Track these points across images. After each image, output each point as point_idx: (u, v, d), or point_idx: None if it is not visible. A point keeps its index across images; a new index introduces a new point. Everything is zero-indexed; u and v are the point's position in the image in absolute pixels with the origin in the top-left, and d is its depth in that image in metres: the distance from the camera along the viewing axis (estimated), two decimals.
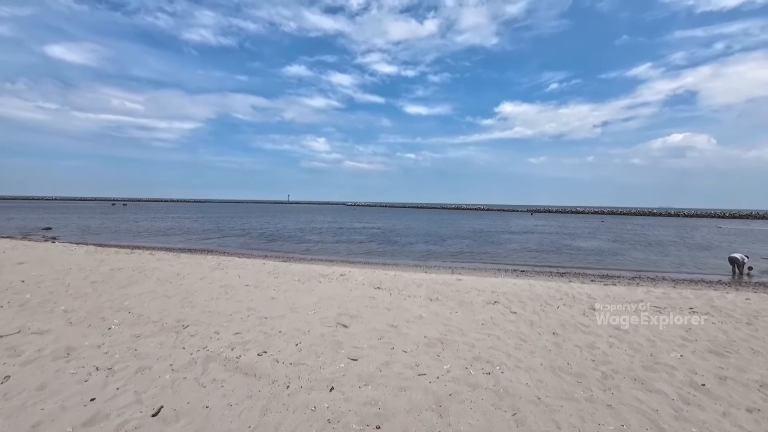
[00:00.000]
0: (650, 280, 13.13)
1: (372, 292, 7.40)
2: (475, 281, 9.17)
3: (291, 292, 7.17)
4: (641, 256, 20.77)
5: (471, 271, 14.77)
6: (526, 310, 6.39)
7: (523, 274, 14.49)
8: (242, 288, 7.32)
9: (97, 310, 5.69)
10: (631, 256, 20.35)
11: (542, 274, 14.59)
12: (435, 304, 6.68)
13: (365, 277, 9.06)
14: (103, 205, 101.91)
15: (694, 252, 22.53)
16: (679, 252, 22.52)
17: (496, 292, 7.72)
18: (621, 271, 15.68)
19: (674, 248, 24.71)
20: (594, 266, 17.80)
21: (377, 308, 6.27)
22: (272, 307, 6.14)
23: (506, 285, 8.64)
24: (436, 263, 17.41)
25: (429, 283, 8.54)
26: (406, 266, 15.86)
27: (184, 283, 7.56)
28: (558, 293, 7.85)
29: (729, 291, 9.05)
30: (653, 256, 20.84)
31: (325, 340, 4.75)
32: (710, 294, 8.33)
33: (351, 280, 8.53)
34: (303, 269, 9.93)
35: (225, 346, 4.49)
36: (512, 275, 13.78)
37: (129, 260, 10.14)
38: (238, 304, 6.22)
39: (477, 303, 6.80)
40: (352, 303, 6.51)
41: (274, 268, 10.06)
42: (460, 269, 15.26)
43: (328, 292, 7.28)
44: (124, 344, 4.45)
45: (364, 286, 7.93)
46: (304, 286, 7.70)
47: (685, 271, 16.15)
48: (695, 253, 21.94)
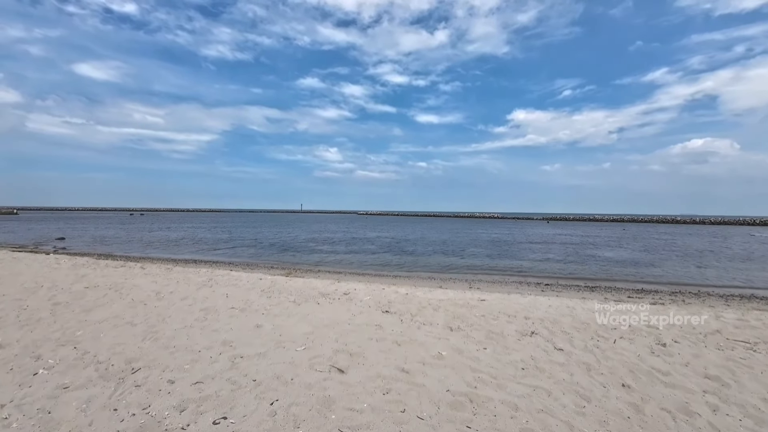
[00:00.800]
0: (709, 296, 11.31)
1: (379, 317, 6.04)
2: (501, 301, 7.70)
3: (282, 317, 5.88)
4: (680, 267, 18.75)
5: (491, 285, 13.26)
6: (574, 346, 4.92)
7: (549, 288, 12.94)
8: (225, 312, 6.08)
9: (37, 344, 4.54)
10: (668, 268, 18.38)
11: (570, 288, 13.01)
12: (457, 335, 5.27)
13: (373, 296, 7.71)
14: (122, 215, 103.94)
15: (737, 263, 20.30)
16: (720, 263, 20.31)
17: (530, 317, 6.26)
18: (660, 285, 13.89)
19: (713, 259, 22.44)
20: (629, 278, 16.02)
21: (384, 341, 4.91)
22: (254, 339, 4.85)
23: (540, 307, 7.15)
24: (453, 276, 15.94)
25: (447, 304, 7.12)
26: (420, 279, 14.47)
27: (160, 305, 6.38)
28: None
29: None
30: (693, 267, 18.78)
31: (312, 396, 3.42)
32: None
33: (356, 300, 7.19)
34: (303, 286, 8.64)
35: (174, 405, 3.23)
36: (538, 290, 12.26)
37: (113, 275, 9.09)
38: (214, 335, 4.96)
39: (510, 334, 5.35)
40: (353, 334, 5.17)
41: (271, 284, 8.81)
42: (479, 283, 13.77)
43: (327, 317, 5.95)
44: (39, 402, 3.24)
45: (370, 309, 6.58)
46: (299, 309, 6.40)
47: (738, 286, 14.21)
48: (738, 265, 19.76)
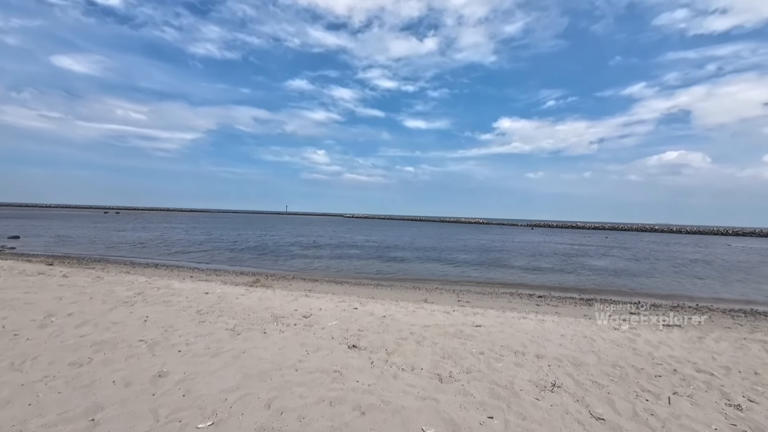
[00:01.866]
0: (724, 314, 10.01)
1: (342, 357, 4.32)
2: (500, 327, 6.09)
3: (204, 358, 4.09)
4: (672, 278, 17.71)
5: (481, 297, 11.74)
6: (618, 411, 3.35)
7: (543, 301, 11.54)
8: (126, 350, 4.24)
9: None
10: (661, 279, 17.29)
11: (566, 301, 11.60)
12: (449, 391, 3.60)
13: (341, 320, 5.97)
14: (96, 213, 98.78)
15: (726, 273, 19.47)
16: (711, 272, 19.48)
17: (543, 356, 4.66)
18: (660, 299, 12.62)
19: (701, 268, 21.63)
20: (624, 290, 14.79)
21: (342, 405, 3.21)
22: (140, 405, 3.08)
23: (550, 338, 5.58)
24: (440, 286, 14.36)
25: (435, 333, 5.45)
26: (404, 290, 12.83)
27: (36, 336, 4.48)
28: (633, 353, 4.82)
29: None
30: (686, 278, 17.77)
31: None
32: None
33: (316, 328, 5.44)
34: (255, 305, 6.81)
35: None
36: (532, 303, 10.86)
37: (15, 287, 7.10)
38: (79, 395, 3.16)
39: (523, 389, 3.72)
40: (296, 392, 3.43)
41: (217, 301, 6.96)
42: (468, 294, 12.22)
43: (268, 358, 4.18)
44: None
45: (332, 341, 4.84)
46: (234, 343, 4.61)
47: (741, 300, 13.07)
48: (728, 275, 18.92)
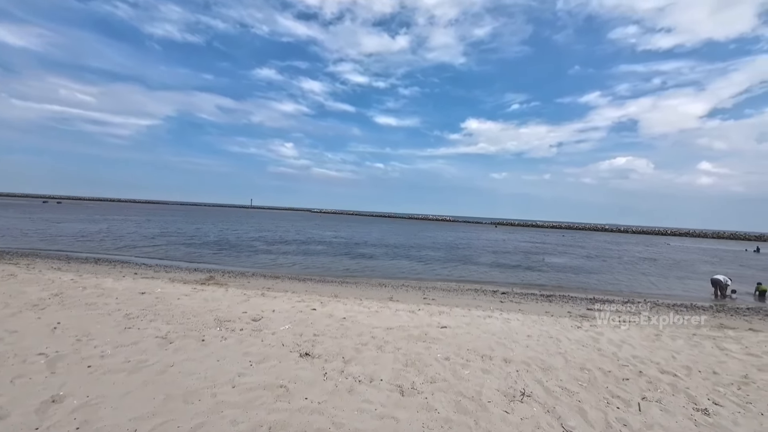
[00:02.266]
0: (682, 309, 10.47)
1: (291, 368, 3.74)
2: (467, 328, 5.77)
3: (116, 376, 3.33)
4: (624, 275, 18.63)
5: (447, 294, 11.56)
6: (589, 421, 3.08)
7: (507, 297, 11.57)
8: (13, 369, 3.37)
9: None
10: (613, 275, 18.13)
11: (528, 298, 11.68)
12: (411, 406, 3.17)
13: (295, 323, 5.37)
14: (35, 203, 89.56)
15: (668, 271, 20.82)
16: (657, 270, 20.72)
17: (511, 359, 4.37)
18: (614, 296, 13.10)
19: (648, 266, 23.05)
20: (581, 287, 15.29)
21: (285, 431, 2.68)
22: None
23: (517, 339, 5.33)
24: (406, 282, 14.06)
25: (398, 336, 5.02)
26: (369, 287, 12.38)
27: None
28: (598, 354, 4.69)
29: None
30: (635, 275, 18.72)
31: None
32: None
33: (266, 333, 4.82)
34: (199, 306, 6.02)
35: None
36: (496, 300, 10.85)
37: None
38: None
39: (491, 400, 3.36)
40: (229, 415, 2.84)
41: (154, 302, 6.06)
42: (434, 291, 12.02)
43: (202, 372, 3.52)
44: None
45: (282, 350, 4.25)
46: (161, 356, 3.87)
47: (681, 296, 13.89)
48: (669, 272, 20.23)
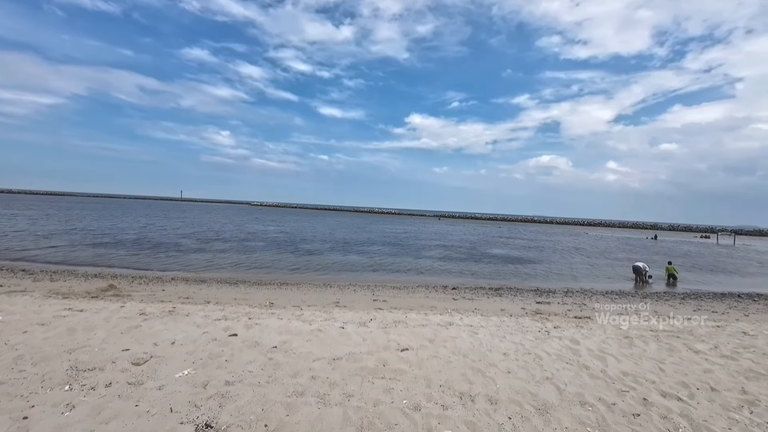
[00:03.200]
0: (615, 296, 10.56)
1: None
2: (432, 346, 4.67)
3: None
4: (558, 265, 19.38)
5: (398, 293, 10.56)
6: None
7: (459, 294, 10.89)
8: None
9: None
10: (551, 265, 18.72)
11: (480, 293, 11.15)
12: None
13: (198, 367, 3.77)
14: None
15: (594, 259, 22.25)
16: (585, 259, 21.84)
17: (497, 399, 3.31)
18: (555, 284, 13.16)
19: (577, 255, 24.42)
20: (526, 277, 15.42)
21: None
22: None
23: (492, 357, 4.36)
24: (353, 279, 12.77)
25: (347, 372, 3.70)
26: (312, 288, 10.87)
27: None
28: (588, 375, 3.93)
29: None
30: (569, 264, 19.44)
31: None
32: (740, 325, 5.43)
33: (148, 388, 3.17)
34: (56, 340, 4.04)
35: None
36: (449, 298, 10.01)
37: None
38: None
39: None
40: None
41: None
42: (384, 291, 10.94)
43: None
44: None
45: (167, 421, 2.72)
46: None
47: (612, 285, 14.51)
48: (596, 261, 21.58)
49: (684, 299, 11.33)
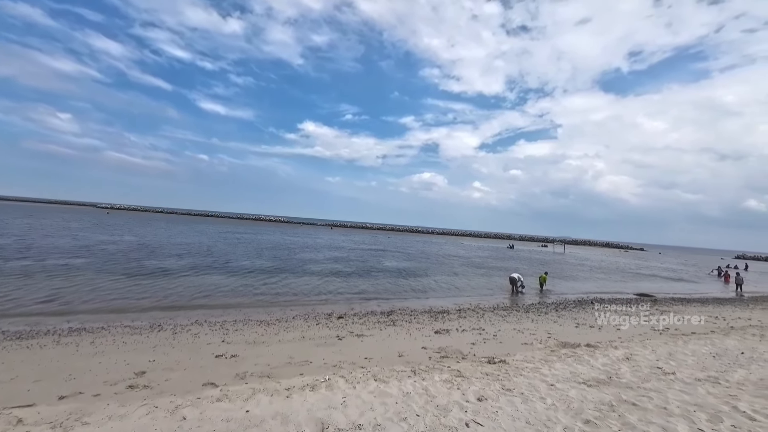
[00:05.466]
0: (503, 311, 9.69)
1: None
2: None
3: None
4: (446, 276, 19.20)
5: (265, 331, 7.63)
6: None
7: (344, 324, 8.61)
8: None
9: None
10: (437, 277, 18.20)
11: (371, 321, 8.96)
12: None
13: None
14: None
15: (475, 269, 23.19)
16: (468, 269, 22.32)
17: None
18: (445, 300, 12.09)
19: (459, 265, 25.04)
20: (417, 293, 14.23)
21: None
22: None
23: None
24: (204, 315, 8.86)
25: None
26: (129, 332, 6.94)
27: None
28: None
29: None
30: (453, 275, 19.39)
31: None
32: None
33: None
34: None
35: None
36: (334, 332, 7.52)
37: None
38: None
39: None
40: None
41: None
42: (243, 327, 7.81)
43: None
44: None
45: None
46: None
47: (495, 295, 14.46)
48: (475, 270, 22.36)
49: (557, 310, 11.51)
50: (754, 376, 4.61)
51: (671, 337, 7.55)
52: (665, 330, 8.55)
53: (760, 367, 5.08)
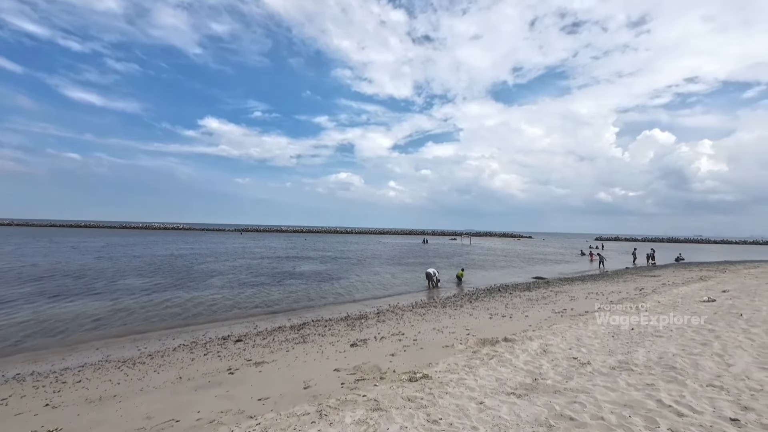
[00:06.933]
0: (419, 308, 8.96)
1: None
2: None
3: None
4: (364, 276, 18.46)
5: (127, 376, 5.59)
6: None
7: (244, 350, 7.08)
8: None
9: None
10: (354, 279, 17.39)
11: (277, 343, 7.46)
12: None
13: None
14: None
15: (391, 267, 22.93)
16: (386, 267, 21.78)
17: None
18: (364, 305, 11.14)
19: (377, 264, 24.36)
20: (335, 298, 13.07)
21: None
22: None
23: None
24: (13, 360, 6.20)
25: None
26: None
27: None
28: None
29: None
30: (371, 274, 18.70)
31: None
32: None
33: None
34: None
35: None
36: (224, 368, 5.92)
37: None
38: None
39: None
40: None
41: None
42: (76, 376, 5.63)
43: None
44: None
45: None
46: None
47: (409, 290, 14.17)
48: (393, 269, 22.01)
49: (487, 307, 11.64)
50: (653, 354, 4.74)
51: (572, 318, 7.95)
52: (563, 311, 9.08)
53: (652, 342, 5.36)
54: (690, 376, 3.85)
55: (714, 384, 3.59)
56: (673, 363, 4.31)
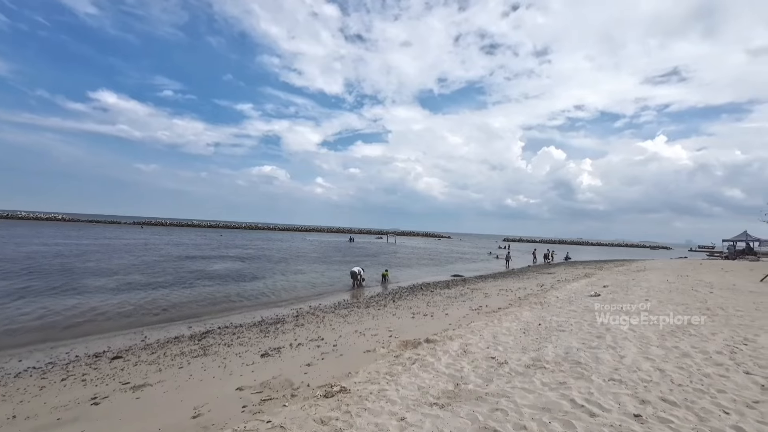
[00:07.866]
0: (343, 308, 8.38)
1: None
2: None
3: None
4: (286, 275, 17.19)
5: None
6: None
7: (116, 372, 5.63)
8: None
9: None
10: (274, 280, 16.03)
11: (167, 356, 6.17)
12: None
13: None
14: None
15: (316, 265, 21.95)
16: (310, 265, 20.69)
17: None
18: (282, 307, 10.09)
19: (302, 263, 23.19)
20: (248, 301, 11.67)
21: None
22: None
23: None
24: None
25: None
26: None
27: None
28: None
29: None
30: (297, 271, 17.56)
31: None
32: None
33: None
34: None
35: None
36: (90, 394, 4.52)
37: None
38: None
39: None
40: None
41: None
42: None
43: None
44: None
45: None
46: None
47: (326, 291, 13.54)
48: (317, 267, 21.14)
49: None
50: (560, 350, 4.98)
51: (486, 315, 8.25)
52: (479, 308, 9.46)
53: (557, 337, 5.70)
54: (594, 371, 4.05)
55: (614, 378, 3.81)
56: (578, 358, 4.55)
